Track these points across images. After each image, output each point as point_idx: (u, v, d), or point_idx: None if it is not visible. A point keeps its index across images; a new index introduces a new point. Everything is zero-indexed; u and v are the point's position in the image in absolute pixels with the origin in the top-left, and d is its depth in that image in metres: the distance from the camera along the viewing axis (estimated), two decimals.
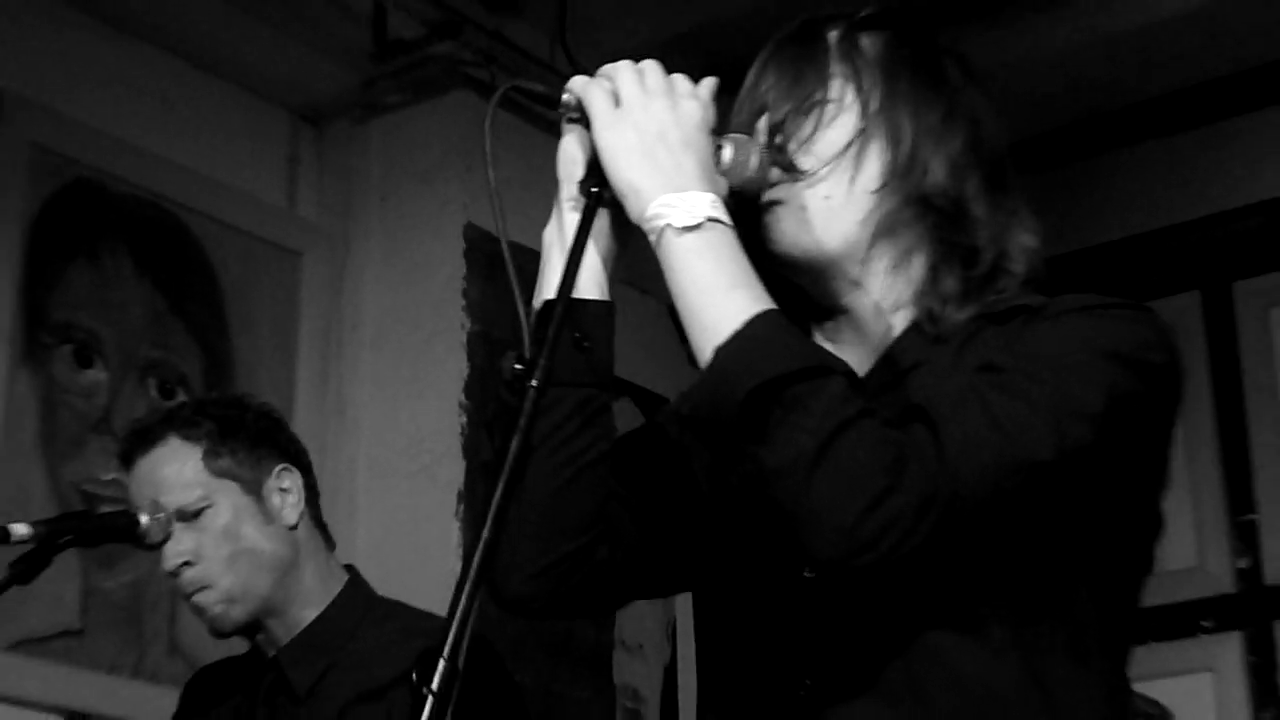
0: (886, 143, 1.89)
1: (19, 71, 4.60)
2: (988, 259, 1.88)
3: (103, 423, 4.57)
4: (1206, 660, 5.19)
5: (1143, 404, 1.76)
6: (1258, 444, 5.25)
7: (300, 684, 2.91)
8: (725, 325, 1.69)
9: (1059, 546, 1.77)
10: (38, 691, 4.31)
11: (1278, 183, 5.26)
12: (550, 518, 1.84)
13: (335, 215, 5.21)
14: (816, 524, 1.63)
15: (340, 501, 4.65)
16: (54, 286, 4.57)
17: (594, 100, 1.81)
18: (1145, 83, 5.28)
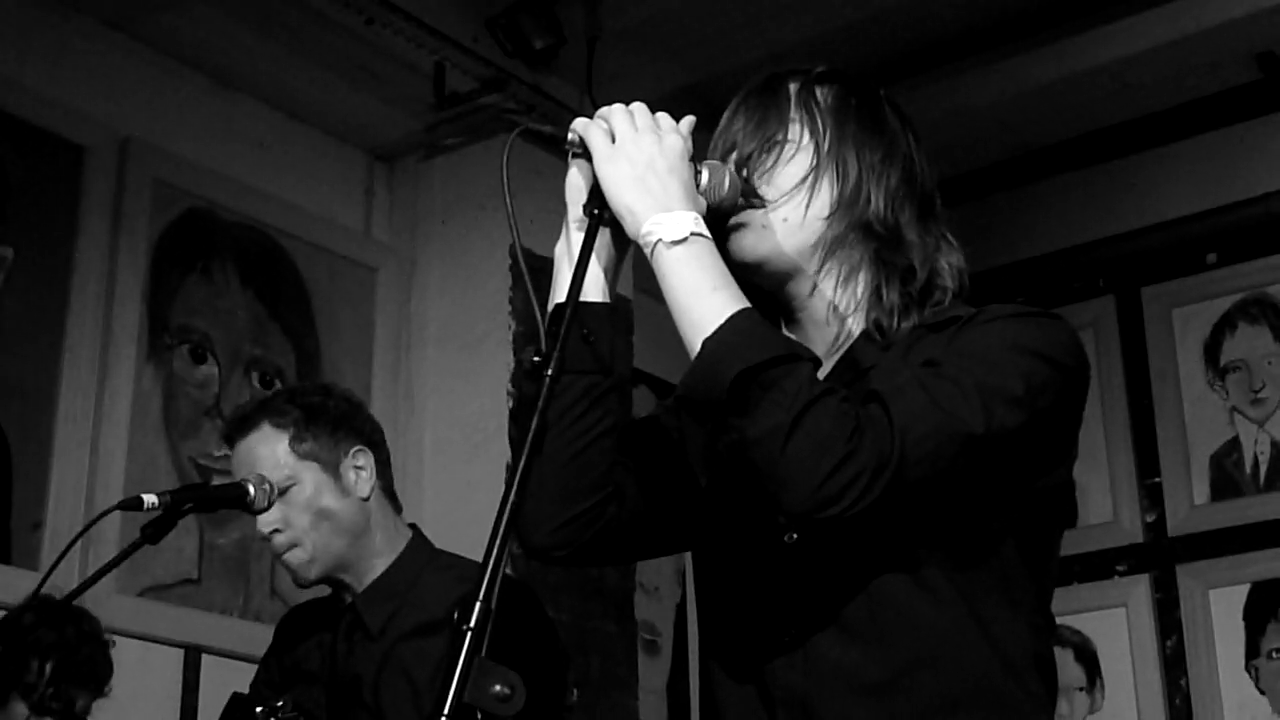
0: (836, 177, 1.88)
1: (142, 119, 4.62)
2: (922, 277, 1.88)
3: (214, 409, 4.59)
4: (1120, 598, 5.19)
5: (1055, 393, 1.76)
6: (1161, 420, 5.28)
7: (374, 624, 2.90)
8: (710, 321, 1.70)
9: (989, 508, 1.78)
10: (163, 630, 4.33)
11: (1174, 206, 5.27)
12: (567, 481, 1.86)
13: (404, 238, 5.20)
14: (790, 483, 1.64)
15: (409, 474, 4.66)
16: (173, 297, 4.58)
17: (593, 138, 1.82)
18: (1062, 126, 5.28)
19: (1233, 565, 5.07)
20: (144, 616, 4.28)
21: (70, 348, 4.32)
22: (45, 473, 4.20)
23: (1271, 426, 5.13)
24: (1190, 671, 5.07)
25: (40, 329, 4.29)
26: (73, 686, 3.37)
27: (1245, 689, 4.97)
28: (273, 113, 4.99)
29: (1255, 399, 5.16)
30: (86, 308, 4.37)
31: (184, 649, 4.39)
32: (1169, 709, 5.08)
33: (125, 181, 4.53)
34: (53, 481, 4.21)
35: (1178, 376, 5.28)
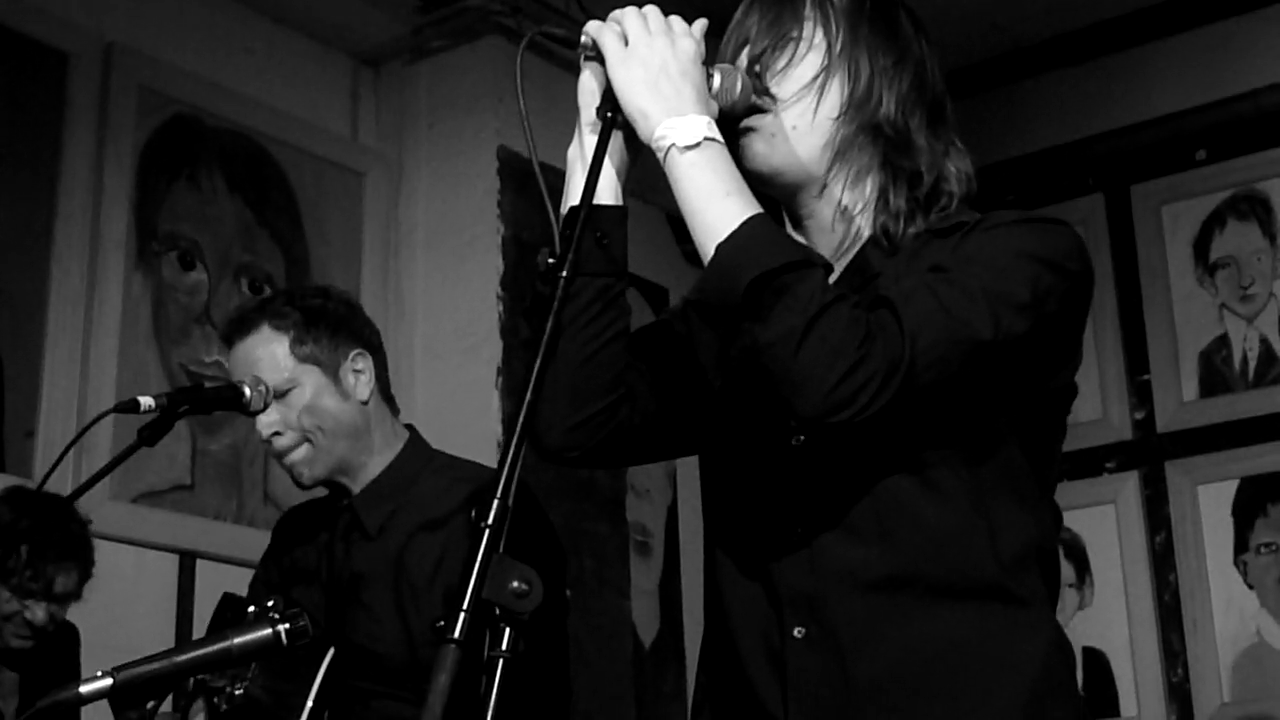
0: (847, 78, 1.88)
1: (126, 25, 4.60)
2: (929, 180, 1.87)
3: (204, 315, 4.59)
4: (1110, 495, 5.22)
5: (1060, 298, 1.77)
6: (1150, 317, 5.29)
7: (371, 524, 2.91)
8: (723, 226, 1.71)
9: (995, 410, 1.79)
10: (157, 535, 4.35)
11: (1164, 103, 5.26)
12: (580, 383, 1.86)
13: (391, 142, 5.19)
14: (802, 387, 1.65)
15: (400, 377, 4.66)
16: (161, 204, 4.57)
17: (606, 41, 1.81)
18: (1051, 22, 5.26)
19: (1221, 461, 5.10)
20: (138, 522, 4.30)
21: (58, 256, 4.32)
22: (37, 381, 4.21)
23: (1260, 323, 5.13)
24: (1179, 567, 5.10)
25: (27, 238, 4.29)
26: (50, 565, 3.39)
27: (1233, 584, 5.01)
28: (258, 18, 4.96)
29: (1244, 295, 5.16)
30: (74, 216, 4.37)
31: (178, 554, 4.42)
32: (1158, 604, 5.12)
33: (110, 88, 4.51)
34: (44, 390, 4.21)
35: (1167, 274, 5.28)
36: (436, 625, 1.51)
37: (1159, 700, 5.04)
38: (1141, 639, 5.09)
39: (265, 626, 2.23)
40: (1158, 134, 5.28)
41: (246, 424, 4.31)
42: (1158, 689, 5.05)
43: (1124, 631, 5.12)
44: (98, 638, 3.60)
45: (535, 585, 1.53)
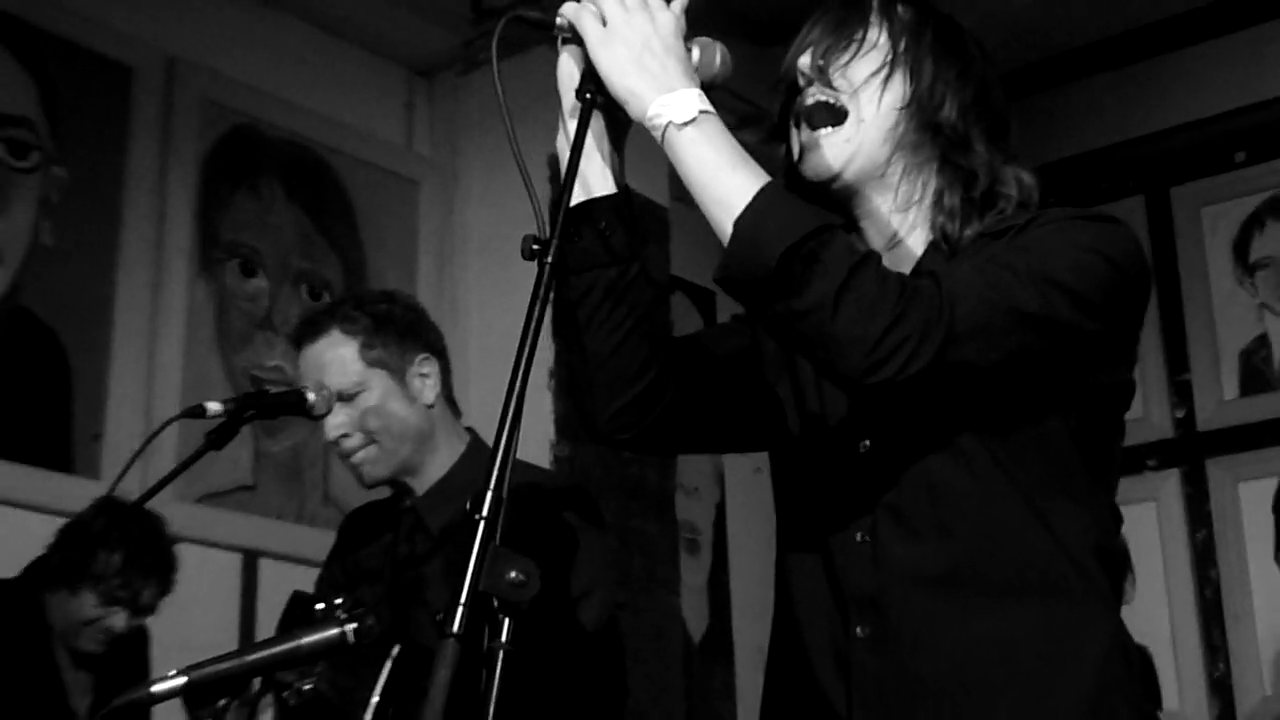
0: (910, 75, 1.87)
1: (188, 40, 4.62)
2: (984, 182, 1.85)
3: (265, 321, 4.61)
4: (1151, 492, 5.20)
5: (1110, 291, 1.75)
6: (1190, 317, 5.26)
7: (434, 525, 2.90)
8: (737, 199, 1.67)
9: (1045, 402, 1.78)
10: (221, 535, 4.37)
11: (1203, 106, 5.23)
12: (611, 372, 1.85)
13: (444, 150, 5.20)
14: (843, 349, 1.63)
15: (456, 379, 4.67)
16: (223, 213, 4.59)
17: (584, 22, 1.77)
18: (1091, 28, 5.24)
19: (1261, 459, 5.07)
20: (202, 522, 4.30)
21: (124, 264, 4.34)
22: (104, 386, 4.23)
23: None
24: (1220, 563, 5.08)
25: (95, 247, 4.31)
26: (139, 578, 3.43)
27: (1274, 580, 4.99)
28: (315, 31, 4.98)
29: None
30: (139, 225, 4.39)
31: (242, 553, 4.44)
32: (1199, 600, 5.11)
33: (173, 101, 4.54)
34: (111, 394, 4.23)
35: (1206, 274, 5.26)
36: (436, 619, 1.48)
37: (1201, 694, 5.02)
38: (1183, 634, 5.08)
39: (333, 626, 2.24)
40: (1197, 137, 5.25)
41: (307, 426, 4.35)
42: (1200, 683, 5.03)
43: (1166, 627, 5.10)
44: (164, 634, 3.63)
45: (533, 576, 1.50)
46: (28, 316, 4.14)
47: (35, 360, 4.14)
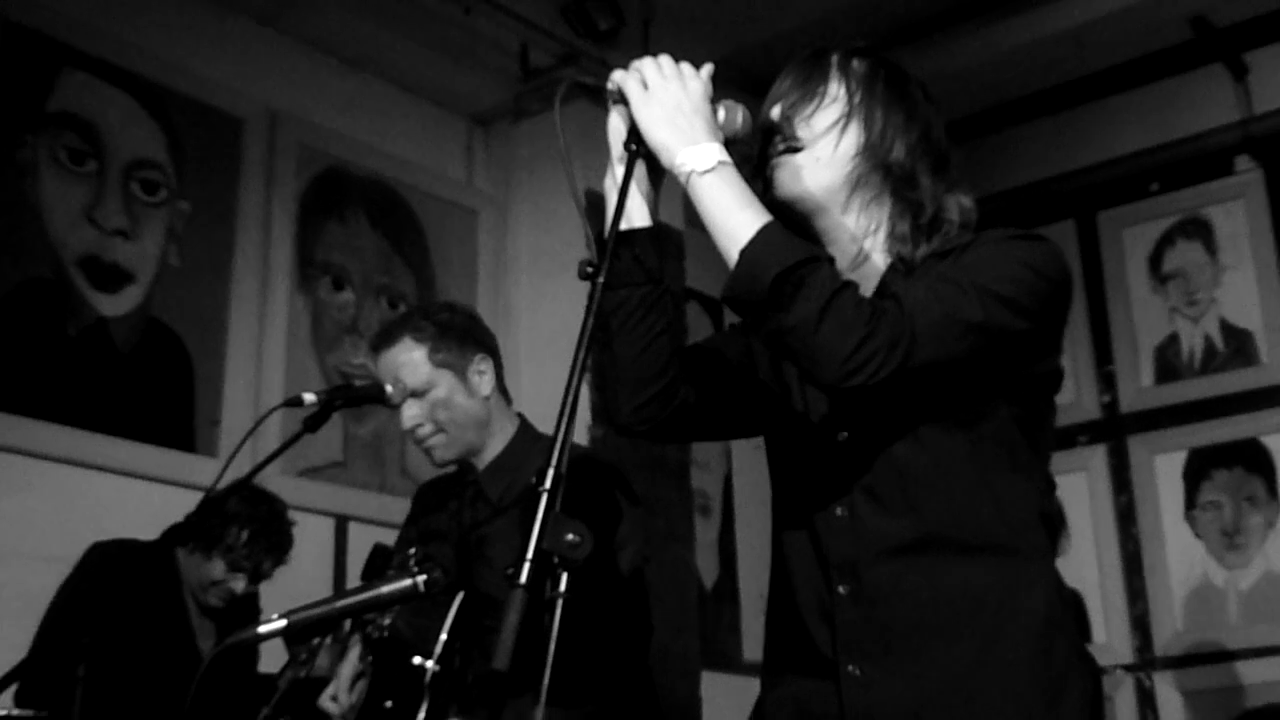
0: (863, 125, 1.84)
1: (287, 95, 4.64)
2: (930, 211, 1.83)
3: (352, 326, 4.61)
4: (1082, 464, 5.18)
5: (1040, 297, 1.73)
6: (1114, 319, 5.25)
7: (493, 494, 2.89)
8: (743, 234, 1.68)
9: (993, 393, 1.76)
10: (317, 503, 4.36)
11: (1123, 145, 5.21)
12: (638, 373, 1.84)
13: (499, 186, 5.18)
14: (822, 360, 1.63)
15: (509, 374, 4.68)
16: (317, 238, 4.60)
17: (629, 86, 1.78)
18: (1030, 81, 5.22)
19: (1173, 436, 5.05)
20: (302, 493, 4.28)
21: (236, 280, 4.35)
22: (220, 380, 4.24)
23: (1204, 323, 5.07)
24: (1140, 523, 5.06)
25: (213, 266, 4.32)
26: (261, 552, 3.44)
27: (1185, 536, 4.96)
28: (391, 87, 4.97)
29: (1191, 301, 5.11)
30: (248, 249, 4.40)
31: (334, 518, 4.44)
32: (1122, 552, 5.08)
33: (275, 146, 4.55)
34: (226, 387, 4.24)
35: (1127, 284, 5.24)
36: (506, 573, 1.48)
37: (1125, 630, 5.00)
38: (1109, 581, 5.06)
39: (407, 577, 2.23)
40: (1118, 171, 5.23)
41: (386, 413, 4.33)
42: (1123, 621, 5.01)
43: (1095, 575, 5.08)
44: (271, 587, 3.62)
45: (586, 538, 1.49)
46: (158, 325, 4.15)
47: (164, 360, 4.14)
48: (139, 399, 4.05)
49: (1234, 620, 4.81)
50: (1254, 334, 4.98)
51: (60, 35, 4.09)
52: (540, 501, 1.50)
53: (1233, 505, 4.89)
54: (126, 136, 4.18)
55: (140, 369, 4.07)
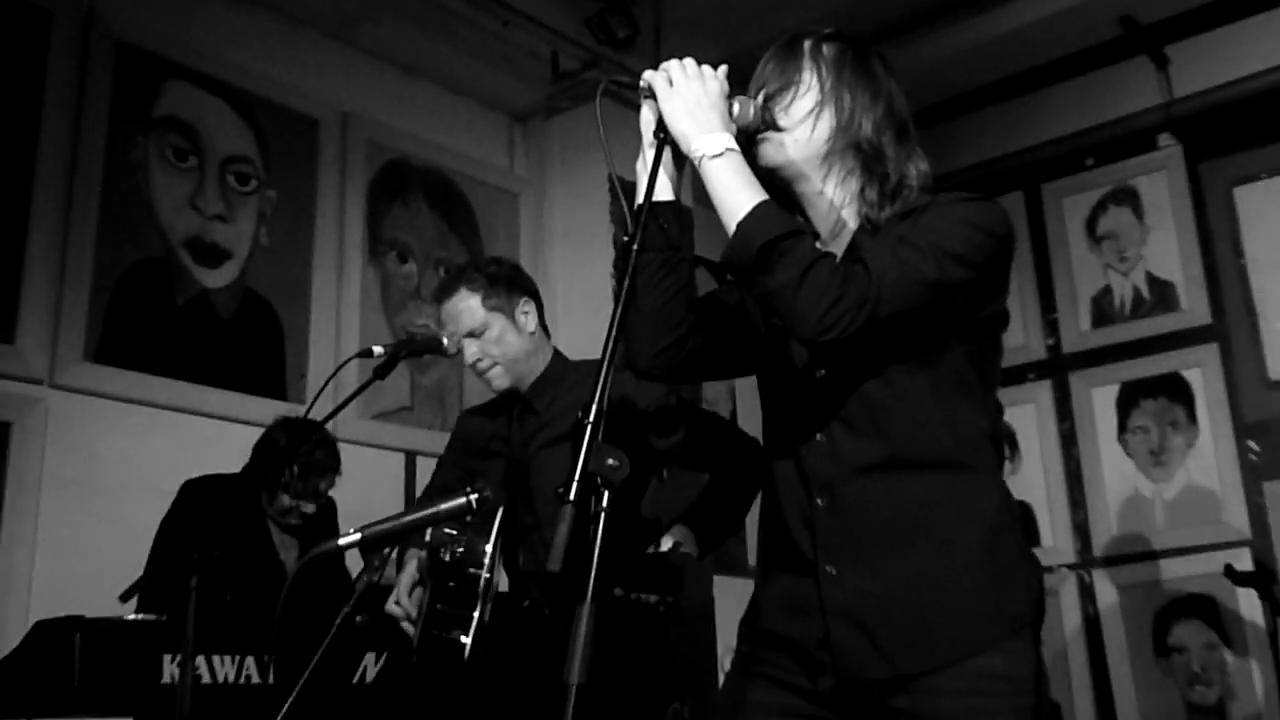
0: (835, 111, 1.82)
1: (356, 99, 4.63)
2: (894, 179, 1.81)
3: (415, 293, 4.61)
4: (1031, 396, 5.15)
5: (988, 252, 1.72)
6: (1056, 274, 5.20)
7: (539, 405, 2.88)
8: (741, 209, 1.68)
9: (948, 333, 1.75)
10: (389, 441, 4.38)
11: (1063, 126, 5.15)
12: (658, 325, 1.85)
13: (536, 173, 5.15)
14: (801, 318, 1.64)
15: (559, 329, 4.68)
16: (384, 218, 4.59)
17: (657, 84, 1.78)
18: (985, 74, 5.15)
19: (1107, 372, 5.02)
20: (376, 432, 4.34)
21: (317, 256, 4.36)
22: (305, 339, 4.25)
23: (1133, 277, 5.04)
24: (1080, 445, 5.03)
25: (297, 244, 4.32)
26: (315, 478, 3.44)
27: (1117, 455, 4.95)
28: (442, 90, 4.95)
29: (1122, 258, 5.09)
30: (327, 229, 4.40)
31: (404, 453, 4.44)
32: (1065, 469, 5.06)
33: (347, 142, 4.54)
34: (311, 345, 4.25)
35: (1067, 244, 5.20)
36: (557, 491, 1.49)
37: (1068, 535, 4.99)
38: (1055, 493, 5.04)
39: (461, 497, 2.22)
40: (1059, 149, 5.17)
41: (446, 365, 4.35)
42: (1066, 527, 5.00)
43: (1043, 488, 5.06)
44: (351, 511, 3.62)
45: (624, 462, 1.51)
46: (252, 294, 4.16)
47: (258, 324, 4.15)
48: (238, 357, 4.06)
49: (1159, 525, 4.79)
50: (1175, 284, 4.94)
51: (164, 52, 4.10)
52: (585, 432, 1.51)
53: (1158, 429, 4.86)
54: (221, 136, 4.18)
55: (238, 332, 4.08)
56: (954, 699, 1.66)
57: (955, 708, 1.66)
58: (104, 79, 3.88)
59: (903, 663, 1.69)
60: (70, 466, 3.60)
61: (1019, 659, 1.69)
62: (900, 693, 1.69)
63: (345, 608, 2.17)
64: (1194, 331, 4.84)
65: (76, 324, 3.68)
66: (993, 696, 1.66)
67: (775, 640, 1.80)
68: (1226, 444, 4.68)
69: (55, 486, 3.56)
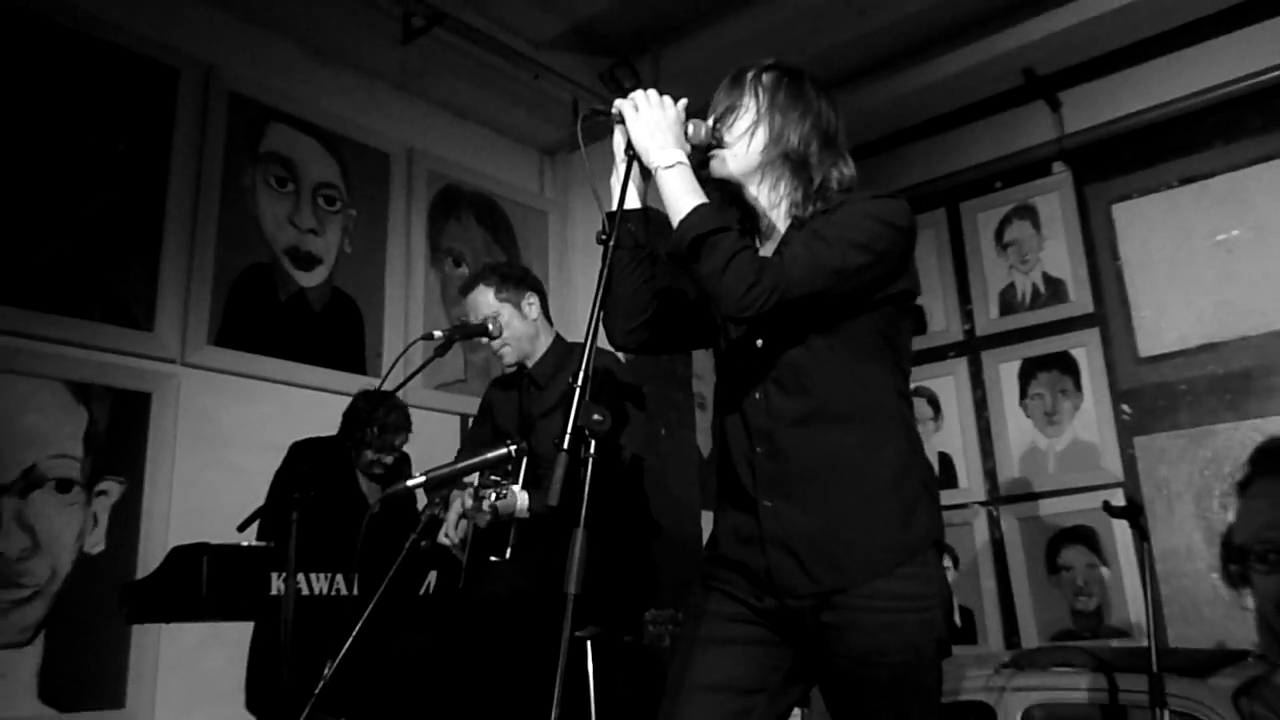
0: (768, 128, 1.78)
1: (421, 138, 4.59)
2: (818, 181, 1.78)
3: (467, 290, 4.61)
4: (951, 370, 5.11)
5: (889, 240, 1.68)
6: (971, 274, 5.14)
7: (542, 379, 2.87)
8: (683, 210, 1.67)
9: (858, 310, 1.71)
10: (447, 406, 4.37)
11: (977, 156, 5.10)
12: (627, 307, 1.83)
13: (562, 195, 5.14)
14: (724, 299, 1.62)
15: (571, 323, 4.68)
16: (442, 232, 4.58)
17: (626, 110, 1.76)
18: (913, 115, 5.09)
19: (1011, 350, 4.98)
20: (437, 400, 4.33)
21: (389, 261, 4.34)
22: (380, 326, 4.23)
23: (1032, 275, 4.99)
24: (990, 409, 5.00)
25: (373, 252, 4.30)
26: (391, 435, 3.44)
27: (1019, 416, 4.92)
28: (487, 130, 4.93)
29: (1023, 260, 5.04)
30: (397, 240, 4.39)
31: (459, 416, 4.44)
32: (978, 429, 5.03)
33: (412, 172, 4.52)
34: (385, 331, 4.24)
35: (980, 250, 5.15)
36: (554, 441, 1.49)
37: (980, 479, 4.97)
38: (969, 446, 5.02)
39: (502, 447, 2.23)
40: (974, 174, 5.12)
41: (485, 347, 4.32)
42: (979, 472, 4.98)
43: (960, 442, 5.04)
44: (419, 462, 3.64)
45: (607, 418, 1.51)
46: (339, 292, 4.15)
47: (344, 315, 4.15)
48: (327, 341, 4.06)
49: (1051, 471, 4.78)
50: (1065, 281, 4.91)
51: (268, 100, 4.09)
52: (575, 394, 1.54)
53: (1051, 396, 4.85)
54: (313, 167, 4.17)
55: (328, 321, 4.08)
56: (871, 615, 1.65)
57: (872, 623, 1.64)
58: (220, 122, 3.89)
59: (826, 581, 1.67)
60: (198, 428, 3.62)
61: (922, 581, 1.67)
62: (826, 609, 1.67)
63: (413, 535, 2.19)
64: (1080, 319, 4.81)
65: (201, 315, 3.69)
66: (901, 613, 1.65)
67: (731, 564, 1.79)
68: (1105, 407, 4.68)
69: (187, 443, 3.58)
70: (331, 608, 2.62)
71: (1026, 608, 4.71)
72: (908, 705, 1.64)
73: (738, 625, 1.75)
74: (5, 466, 3.19)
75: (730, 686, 1.71)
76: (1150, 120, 4.61)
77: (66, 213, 3.47)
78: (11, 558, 3.14)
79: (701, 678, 1.71)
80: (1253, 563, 4.15)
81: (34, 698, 3.10)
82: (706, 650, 1.73)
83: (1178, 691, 2.62)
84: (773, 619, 1.74)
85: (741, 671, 1.72)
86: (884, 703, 1.64)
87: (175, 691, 3.36)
